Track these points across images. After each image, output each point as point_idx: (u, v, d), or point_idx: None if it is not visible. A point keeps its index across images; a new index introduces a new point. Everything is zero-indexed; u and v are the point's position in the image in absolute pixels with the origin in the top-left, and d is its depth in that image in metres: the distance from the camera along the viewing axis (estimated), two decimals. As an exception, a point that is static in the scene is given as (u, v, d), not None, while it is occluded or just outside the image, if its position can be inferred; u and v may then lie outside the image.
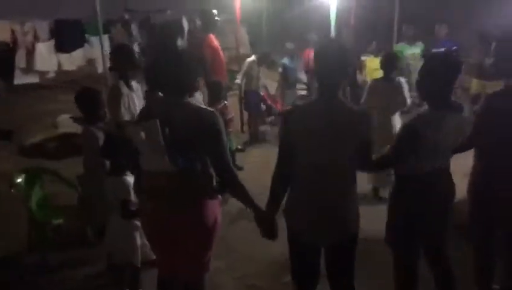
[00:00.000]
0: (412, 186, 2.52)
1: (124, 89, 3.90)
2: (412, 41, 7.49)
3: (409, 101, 4.74)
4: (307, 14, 12.08)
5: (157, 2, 12.10)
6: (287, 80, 7.49)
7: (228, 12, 13.54)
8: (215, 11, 6.18)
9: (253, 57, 7.03)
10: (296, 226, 2.41)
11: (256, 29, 13.78)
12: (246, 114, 7.25)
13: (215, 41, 6.14)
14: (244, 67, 6.98)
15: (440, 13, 9.55)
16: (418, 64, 7.11)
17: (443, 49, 6.76)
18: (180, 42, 4.92)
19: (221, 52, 6.27)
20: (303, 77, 7.99)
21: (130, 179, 2.92)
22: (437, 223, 2.58)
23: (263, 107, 7.45)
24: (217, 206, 2.51)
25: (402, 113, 4.86)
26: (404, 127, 2.50)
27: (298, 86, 8.01)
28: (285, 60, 7.51)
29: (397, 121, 4.78)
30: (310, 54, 7.74)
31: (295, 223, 2.40)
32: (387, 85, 4.75)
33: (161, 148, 2.27)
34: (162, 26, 5.56)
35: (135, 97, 4.01)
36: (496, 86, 7.03)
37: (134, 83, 4.05)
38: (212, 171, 2.43)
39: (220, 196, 2.55)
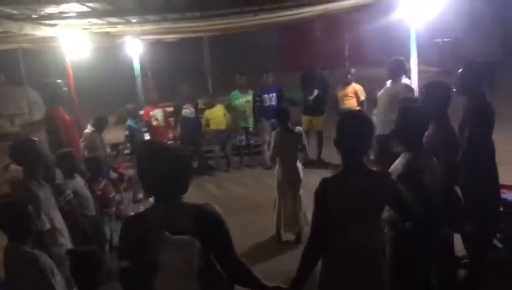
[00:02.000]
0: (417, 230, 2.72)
1: (40, 192, 3.21)
2: (244, 89, 8.08)
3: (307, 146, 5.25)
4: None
5: None
6: (133, 142, 7.11)
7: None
8: (59, 81, 5.54)
9: (89, 128, 6.48)
10: None
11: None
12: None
13: (64, 114, 5.51)
14: (85, 141, 6.35)
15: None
16: (250, 109, 7.88)
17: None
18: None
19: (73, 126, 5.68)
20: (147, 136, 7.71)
21: None
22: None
23: (113, 175, 6.89)
24: None
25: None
26: (407, 171, 2.71)
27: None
28: (130, 122, 7.13)
29: (299, 166, 5.25)
30: (150, 112, 7.58)
31: None
32: (289, 135, 5.15)
33: (192, 269, 2.00)
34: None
35: (50, 199, 3.34)
36: (319, 120, 8.21)
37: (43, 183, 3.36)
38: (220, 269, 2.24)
39: None
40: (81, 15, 5.56)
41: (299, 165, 5.24)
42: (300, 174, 5.19)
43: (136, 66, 11.36)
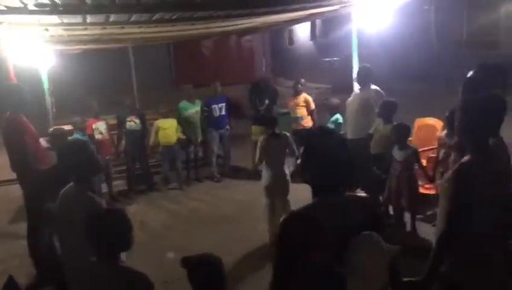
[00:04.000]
0: None
1: (103, 202, 2.75)
2: (192, 99, 7.79)
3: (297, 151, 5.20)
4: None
5: None
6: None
7: None
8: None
9: (44, 143, 5.73)
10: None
11: None
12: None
13: (30, 124, 4.75)
14: None
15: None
16: (198, 120, 7.61)
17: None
18: None
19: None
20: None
21: None
22: None
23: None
24: None
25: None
26: None
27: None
28: (77, 135, 6.39)
29: (287, 171, 5.20)
30: (92, 124, 6.88)
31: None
32: (277, 139, 5.13)
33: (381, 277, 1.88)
34: None
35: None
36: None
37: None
38: None
39: None
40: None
41: (286, 170, 5.24)
42: (288, 179, 5.20)
43: (44, 78, 10.29)
